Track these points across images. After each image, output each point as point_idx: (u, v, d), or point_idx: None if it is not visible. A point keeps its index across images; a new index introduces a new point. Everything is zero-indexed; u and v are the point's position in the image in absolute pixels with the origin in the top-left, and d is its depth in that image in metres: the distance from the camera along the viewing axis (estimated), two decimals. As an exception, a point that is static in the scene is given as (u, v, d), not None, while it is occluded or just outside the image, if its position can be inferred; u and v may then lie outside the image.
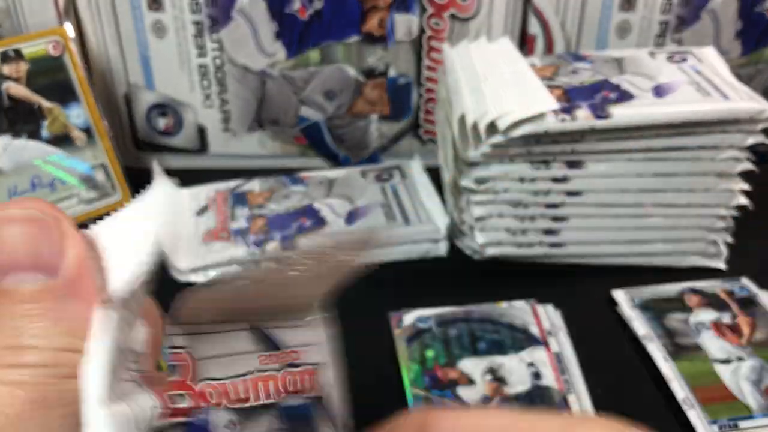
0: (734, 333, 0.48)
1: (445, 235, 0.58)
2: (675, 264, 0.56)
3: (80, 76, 0.61)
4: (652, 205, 0.53)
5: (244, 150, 0.71)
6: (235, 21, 0.64)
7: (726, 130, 0.50)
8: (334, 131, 0.70)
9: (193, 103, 0.68)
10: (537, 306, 0.51)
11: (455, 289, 0.54)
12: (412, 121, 0.70)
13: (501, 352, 0.47)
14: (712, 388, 0.45)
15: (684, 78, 0.53)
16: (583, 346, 0.48)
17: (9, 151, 0.58)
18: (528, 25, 0.65)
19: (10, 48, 0.58)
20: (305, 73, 0.67)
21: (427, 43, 0.65)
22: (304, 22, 0.64)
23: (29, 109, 0.59)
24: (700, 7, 0.64)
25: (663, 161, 0.52)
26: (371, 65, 0.67)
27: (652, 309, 0.51)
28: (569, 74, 0.55)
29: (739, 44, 0.66)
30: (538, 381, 0.45)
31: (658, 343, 0.48)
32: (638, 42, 0.65)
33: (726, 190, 0.53)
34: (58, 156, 0.60)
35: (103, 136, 0.62)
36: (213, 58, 0.66)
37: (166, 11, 0.64)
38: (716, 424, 0.42)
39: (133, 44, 0.66)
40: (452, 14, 0.64)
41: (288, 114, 0.69)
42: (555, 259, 0.57)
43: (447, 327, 0.49)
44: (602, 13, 0.64)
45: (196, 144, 0.71)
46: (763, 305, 0.51)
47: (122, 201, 0.62)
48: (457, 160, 0.54)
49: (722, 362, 0.46)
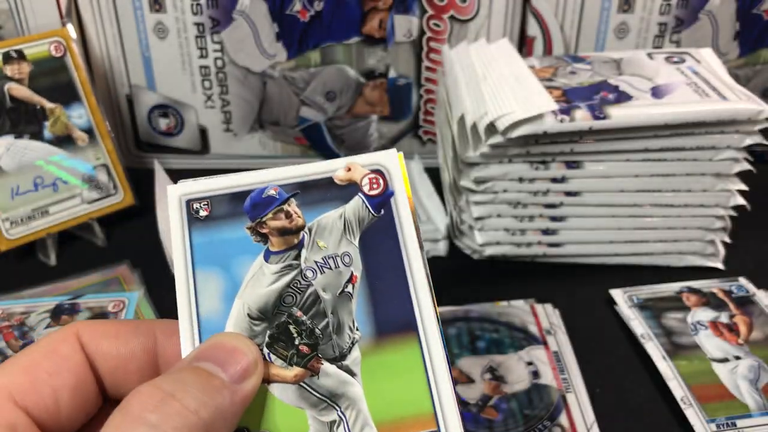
0: (732, 332, 0.49)
1: (444, 234, 0.58)
2: (673, 264, 0.56)
3: (82, 77, 0.61)
4: (650, 205, 0.54)
5: (245, 150, 0.71)
6: (236, 22, 0.64)
7: (724, 131, 0.51)
8: (335, 132, 0.70)
9: (194, 104, 0.69)
10: (536, 305, 0.52)
11: (455, 289, 0.54)
12: (412, 122, 0.70)
13: (500, 351, 0.48)
14: (710, 386, 0.45)
15: (682, 79, 0.54)
16: (581, 345, 0.48)
17: (11, 151, 0.58)
18: (527, 27, 0.66)
19: (13, 49, 0.59)
20: (306, 74, 0.67)
21: (426, 44, 0.66)
22: (305, 23, 0.65)
23: (31, 109, 0.59)
24: (698, 9, 0.64)
25: (661, 162, 0.52)
26: (371, 66, 0.67)
27: (650, 308, 0.51)
28: (568, 75, 0.55)
29: (737, 45, 0.66)
30: (536, 380, 0.46)
31: (656, 342, 0.48)
32: (637, 43, 0.66)
33: (724, 191, 0.53)
34: (60, 156, 0.60)
35: (104, 137, 0.62)
36: (214, 59, 0.66)
37: (168, 13, 0.64)
38: (714, 422, 0.42)
39: (134, 45, 0.66)
40: (452, 16, 0.64)
41: (288, 115, 0.69)
42: (554, 258, 0.57)
43: (446, 326, 0.49)
44: (601, 15, 0.64)
45: (197, 144, 0.71)
46: (760, 304, 0.51)
47: (124, 201, 0.62)
48: (457, 160, 0.54)
49: (720, 361, 0.47)
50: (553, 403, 0.44)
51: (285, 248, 0.24)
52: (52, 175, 0.60)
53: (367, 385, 0.23)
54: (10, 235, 0.58)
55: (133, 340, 0.24)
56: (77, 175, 0.61)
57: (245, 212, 0.24)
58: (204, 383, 0.21)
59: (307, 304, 0.24)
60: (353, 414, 0.23)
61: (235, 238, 0.24)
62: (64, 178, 0.60)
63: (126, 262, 0.58)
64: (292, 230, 0.24)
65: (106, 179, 0.62)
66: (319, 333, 0.23)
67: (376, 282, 0.24)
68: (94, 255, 0.60)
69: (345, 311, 0.24)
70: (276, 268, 0.24)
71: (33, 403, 0.22)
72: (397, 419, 0.23)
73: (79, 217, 0.60)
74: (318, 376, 0.23)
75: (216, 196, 0.25)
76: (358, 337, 0.23)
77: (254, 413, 0.22)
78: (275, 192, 0.25)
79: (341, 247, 0.24)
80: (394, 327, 0.23)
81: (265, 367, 0.23)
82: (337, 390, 0.23)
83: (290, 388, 0.23)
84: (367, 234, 0.25)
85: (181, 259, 0.24)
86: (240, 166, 0.70)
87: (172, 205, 0.24)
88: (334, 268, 0.24)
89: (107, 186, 0.62)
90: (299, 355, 0.23)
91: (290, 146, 0.71)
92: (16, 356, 0.23)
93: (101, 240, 0.61)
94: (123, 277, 0.57)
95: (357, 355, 0.23)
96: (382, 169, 0.25)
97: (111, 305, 0.52)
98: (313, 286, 0.24)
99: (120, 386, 0.24)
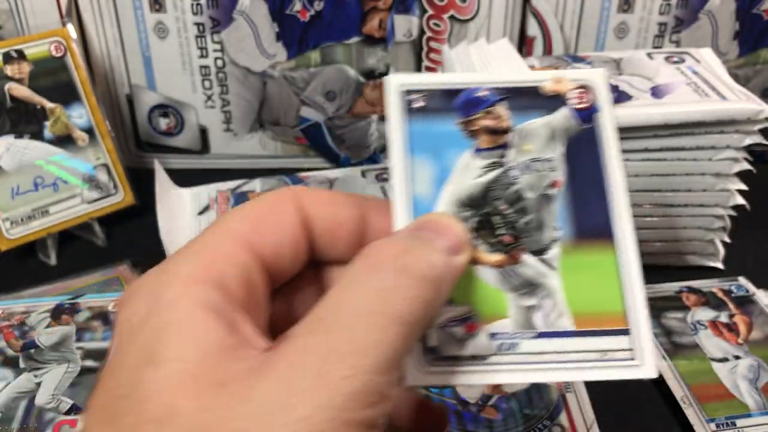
0: (731, 332, 0.49)
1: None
2: (673, 263, 0.56)
3: (82, 76, 0.61)
4: (650, 205, 0.54)
5: (245, 150, 0.71)
6: (237, 22, 0.65)
7: (723, 131, 0.51)
8: (335, 131, 0.70)
9: (194, 104, 0.69)
10: (536, 305, 0.52)
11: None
12: (412, 122, 0.70)
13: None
14: (710, 386, 0.45)
15: (682, 79, 0.54)
16: (581, 345, 0.48)
17: (12, 151, 0.58)
18: (527, 27, 0.66)
19: (13, 49, 0.59)
20: (306, 74, 0.67)
21: (426, 44, 0.66)
22: (305, 23, 0.65)
23: (32, 109, 0.59)
24: (698, 9, 0.64)
25: (661, 161, 0.52)
26: (371, 66, 0.67)
27: (649, 308, 0.51)
28: (568, 75, 0.55)
29: (737, 45, 0.66)
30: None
31: (656, 341, 0.48)
32: (636, 43, 0.66)
33: (723, 190, 0.53)
34: (60, 156, 0.60)
35: (105, 137, 0.62)
36: (214, 59, 0.66)
37: (168, 12, 0.64)
38: (714, 422, 0.43)
39: (135, 45, 0.66)
40: (452, 15, 0.64)
41: (289, 114, 0.69)
42: (554, 258, 0.57)
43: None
44: (601, 15, 0.65)
45: (197, 144, 0.71)
46: (759, 304, 0.51)
47: (124, 201, 0.62)
48: (457, 160, 0.54)
49: (719, 361, 0.47)
50: (553, 403, 0.44)
51: (492, 146, 0.26)
52: (52, 174, 0.60)
53: (564, 280, 0.24)
54: (10, 235, 0.58)
55: (346, 209, 0.25)
56: (77, 174, 0.61)
57: (457, 109, 0.26)
58: (429, 247, 0.22)
59: (511, 200, 0.25)
60: (550, 303, 0.24)
61: (446, 131, 0.26)
62: (64, 177, 0.60)
63: (126, 261, 0.58)
64: (499, 130, 0.26)
65: (106, 179, 0.62)
66: (522, 226, 0.25)
67: (578, 189, 0.26)
68: (95, 255, 0.60)
69: (547, 211, 0.25)
70: (483, 163, 0.25)
71: (260, 251, 0.23)
72: (590, 313, 0.24)
73: (80, 217, 0.60)
74: (519, 264, 0.25)
75: (431, 90, 0.26)
76: (559, 236, 0.25)
77: (460, 289, 0.24)
78: (486, 93, 0.26)
79: (546, 153, 0.26)
80: (593, 233, 0.25)
81: (471, 250, 0.24)
82: (536, 279, 0.24)
83: (494, 272, 0.24)
84: (572, 144, 0.26)
85: (399, 144, 0.25)
86: (241, 166, 0.71)
87: (391, 94, 0.26)
88: (538, 171, 0.26)
89: (107, 186, 0.62)
90: (503, 243, 0.25)
91: (290, 146, 0.71)
92: (243, 207, 0.24)
93: (101, 240, 0.61)
94: (123, 277, 0.57)
95: (557, 251, 0.25)
96: (589, 84, 0.27)
97: (111, 305, 0.52)
98: (517, 184, 0.25)
99: (327, 250, 0.25)
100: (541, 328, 0.24)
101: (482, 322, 0.24)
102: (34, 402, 0.45)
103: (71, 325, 0.50)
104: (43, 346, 0.49)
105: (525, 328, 0.24)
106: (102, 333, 0.50)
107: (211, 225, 0.24)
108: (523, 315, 0.24)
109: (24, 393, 0.46)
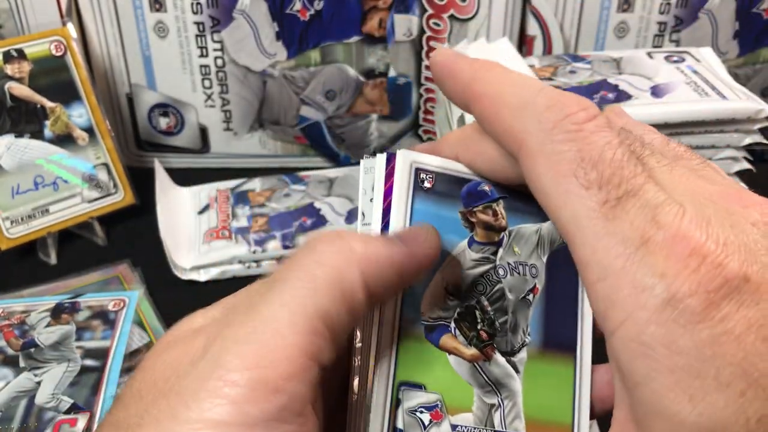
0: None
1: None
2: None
3: (83, 76, 0.61)
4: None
5: (245, 149, 0.71)
6: (237, 21, 0.65)
7: (723, 130, 0.51)
8: (335, 131, 0.70)
9: (194, 103, 0.69)
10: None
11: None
12: (412, 121, 0.70)
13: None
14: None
15: (682, 78, 0.54)
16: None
17: (12, 150, 0.58)
18: (527, 26, 0.66)
19: (13, 48, 0.59)
20: (306, 73, 0.67)
21: (426, 43, 0.66)
22: (305, 22, 0.65)
23: (32, 108, 0.59)
24: (697, 8, 0.64)
25: (661, 161, 0.52)
26: (371, 65, 0.67)
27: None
28: (568, 74, 0.55)
29: (737, 45, 0.66)
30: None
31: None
32: (636, 42, 0.66)
33: (723, 190, 0.53)
34: (60, 155, 0.60)
35: (105, 136, 0.62)
36: (214, 59, 0.66)
37: (168, 12, 0.64)
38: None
39: (135, 44, 0.66)
40: (452, 15, 0.64)
41: (288, 114, 0.69)
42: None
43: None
44: (600, 14, 0.65)
45: (197, 144, 0.71)
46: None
47: (124, 200, 0.62)
48: (457, 159, 0.54)
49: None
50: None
51: (487, 242, 0.26)
52: (52, 174, 0.60)
53: (525, 384, 0.26)
54: (10, 234, 0.58)
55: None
56: (77, 174, 0.61)
57: (461, 197, 0.27)
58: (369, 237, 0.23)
59: (494, 297, 0.26)
60: (510, 404, 0.25)
61: (448, 216, 0.26)
62: (64, 177, 0.60)
63: (126, 261, 0.58)
64: (496, 228, 0.27)
65: (106, 178, 0.62)
66: (498, 326, 0.26)
67: (552, 301, 0.27)
68: (95, 254, 0.60)
69: (522, 315, 0.26)
70: (476, 256, 0.26)
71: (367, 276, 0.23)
72: (542, 420, 0.25)
73: (80, 216, 0.60)
74: (490, 362, 0.25)
75: (441, 173, 0.27)
76: (528, 341, 0.26)
77: (433, 376, 0.25)
78: (489, 189, 0.27)
79: (531, 259, 0.27)
80: (559, 345, 0.26)
81: (450, 339, 0.25)
82: (502, 380, 0.25)
83: (465, 365, 0.25)
84: (554, 255, 0.27)
85: (400, 218, 0.26)
86: (240, 165, 0.71)
87: (401, 168, 0.26)
88: (522, 274, 0.26)
89: (107, 185, 0.62)
90: (479, 338, 0.26)
91: (290, 145, 0.71)
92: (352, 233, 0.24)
93: (101, 239, 0.61)
94: (123, 276, 0.57)
95: (524, 356, 0.26)
96: None
97: (111, 304, 0.52)
98: (502, 283, 0.26)
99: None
100: (498, 428, 0.25)
101: (448, 412, 0.25)
102: (34, 401, 0.45)
103: (71, 324, 0.50)
104: (42, 345, 0.49)
105: (484, 425, 0.25)
106: (101, 332, 0.50)
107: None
108: (485, 412, 0.25)
109: (24, 392, 0.46)
